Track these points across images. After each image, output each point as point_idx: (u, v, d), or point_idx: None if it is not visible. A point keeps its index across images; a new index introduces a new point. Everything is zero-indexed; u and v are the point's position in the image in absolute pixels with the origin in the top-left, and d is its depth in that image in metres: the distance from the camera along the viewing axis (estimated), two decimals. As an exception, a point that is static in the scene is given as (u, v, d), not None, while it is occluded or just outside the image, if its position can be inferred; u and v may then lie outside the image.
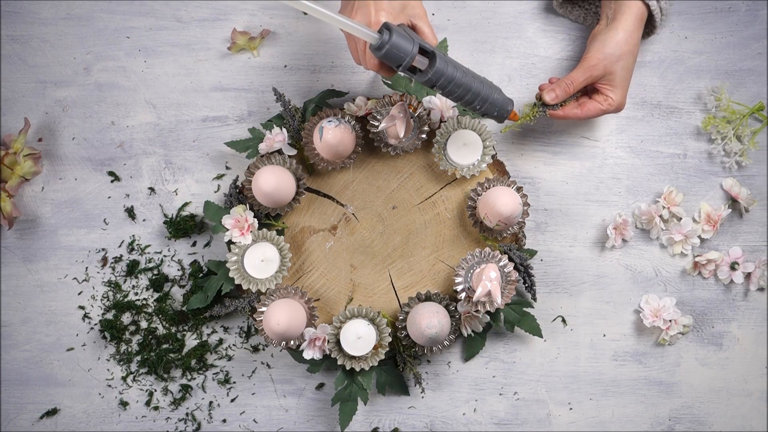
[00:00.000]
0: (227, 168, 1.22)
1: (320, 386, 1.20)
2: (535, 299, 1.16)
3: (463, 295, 1.12)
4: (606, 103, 1.12)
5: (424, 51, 0.98)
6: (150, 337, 1.20)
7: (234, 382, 1.21)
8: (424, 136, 1.16)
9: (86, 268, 1.22)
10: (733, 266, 1.20)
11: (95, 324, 1.21)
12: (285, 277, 1.16)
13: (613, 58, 1.10)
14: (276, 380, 1.21)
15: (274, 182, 1.10)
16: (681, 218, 1.20)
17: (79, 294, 1.21)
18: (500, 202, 1.09)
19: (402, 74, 1.03)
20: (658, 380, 1.21)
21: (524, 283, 1.15)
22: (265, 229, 1.15)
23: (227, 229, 1.14)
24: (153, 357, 1.20)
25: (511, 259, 1.14)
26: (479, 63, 1.22)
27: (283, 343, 1.11)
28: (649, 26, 1.17)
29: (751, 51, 1.23)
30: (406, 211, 1.18)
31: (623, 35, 1.10)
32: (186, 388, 1.20)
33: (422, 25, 1.04)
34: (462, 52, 1.22)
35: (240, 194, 1.16)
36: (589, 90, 1.15)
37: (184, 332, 1.21)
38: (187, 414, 1.20)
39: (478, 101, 1.03)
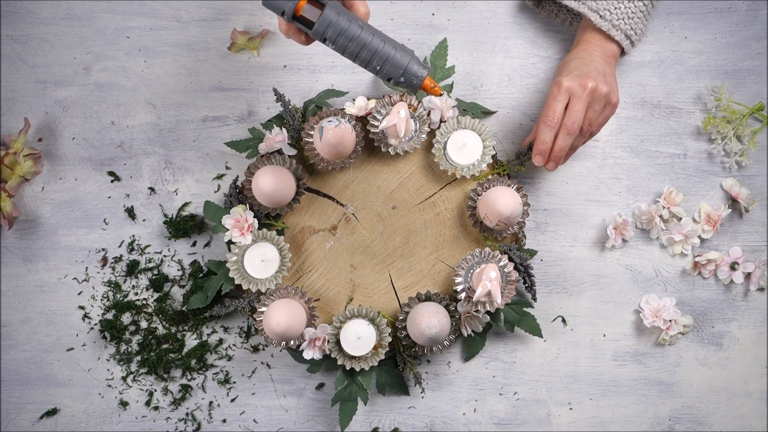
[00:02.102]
0: (227, 168, 1.22)
1: (320, 386, 1.21)
2: (535, 299, 1.16)
3: (463, 295, 1.12)
4: (551, 92, 1.07)
5: (315, 2, 0.90)
6: (150, 337, 1.20)
7: (234, 382, 1.21)
8: (424, 136, 1.16)
9: (86, 268, 1.22)
10: (733, 266, 1.20)
11: (95, 324, 1.21)
12: (285, 277, 1.16)
13: (560, 71, 1.10)
14: (276, 380, 1.21)
15: (274, 182, 1.10)
16: (681, 218, 1.19)
17: (79, 294, 1.21)
18: (500, 202, 1.09)
19: (299, 27, 0.94)
20: (658, 380, 1.21)
21: (524, 283, 1.15)
22: (265, 229, 1.15)
23: (227, 229, 1.14)
24: (153, 357, 1.20)
25: (511, 259, 1.14)
26: (479, 63, 1.22)
27: (283, 343, 1.11)
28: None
29: (751, 51, 1.23)
30: (406, 211, 1.18)
31: (565, 59, 1.12)
32: (186, 388, 1.20)
33: None
34: (462, 52, 1.23)
35: (240, 194, 1.16)
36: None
37: (184, 332, 1.21)
38: (187, 414, 1.20)
39: (377, 60, 0.93)
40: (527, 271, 1.14)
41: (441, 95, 1.02)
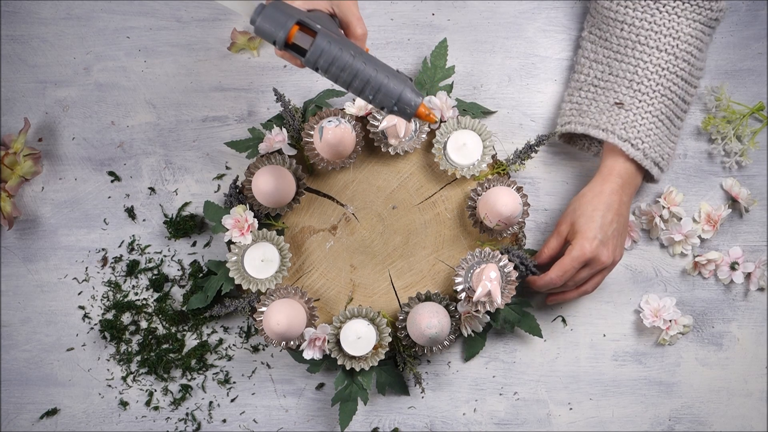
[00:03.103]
0: (227, 168, 1.22)
1: (320, 386, 1.20)
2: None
3: (463, 295, 1.12)
4: (567, 252, 1.09)
5: (307, 29, 0.88)
6: (150, 337, 1.20)
7: (234, 382, 1.21)
8: (424, 136, 1.16)
9: (86, 268, 1.22)
10: (733, 266, 1.20)
11: (95, 324, 1.21)
12: (285, 277, 1.16)
13: (573, 212, 1.11)
14: (276, 380, 1.21)
15: (274, 182, 1.10)
16: (681, 218, 1.19)
17: (79, 294, 1.21)
18: (500, 202, 1.09)
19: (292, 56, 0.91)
20: (658, 380, 1.21)
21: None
22: (265, 229, 1.15)
23: (227, 229, 1.14)
24: (153, 357, 1.20)
25: (510, 260, 1.13)
26: (479, 63, 1.22)
27: (283, 343, 1.11)
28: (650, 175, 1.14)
29: (751, 51, 1.23)
30: (406, 211, 1.18)
31: (585, 190, 1.11)
32: (186, 388, 1.20)
33: (345, 12, 0.95)
34: (462, 52, 1.23)
35: (240, 194, 1.16)
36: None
37: (184, 332, 1.21)
38: (187, 414, 1.20)
39: (369, 90, 0.89)
40: (530, 269, 1.14)
41: (435, 122, 0.98)
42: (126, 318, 1.21)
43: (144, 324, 1.21)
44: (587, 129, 1.12)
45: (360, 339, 1.12)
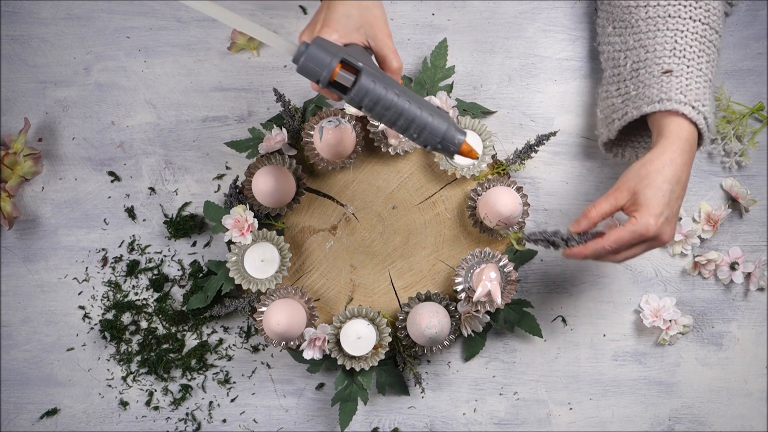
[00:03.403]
0: (227, 168, 1.22)
1: (320, 386, 1.20)
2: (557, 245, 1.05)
3: (463, 295, 1.12)
4: (629, 224, 0.98)
5: (350, 66, 0.87)
6: (150, 337, 1.20)
7: (234, 382, 1.21)
8: (424, 136, 1.16)
9: (86, 268, 1.22)
10: (733, 266, 1.20)
11: (95, 324, 1.21)
12: (285, 277, 1.16)
13: (637, 179, 0.99)
14: (276, 380, 1.21)
15: (274, 182, 1.10)
16: (681, 218, 1.19)
17: (79, 294, 1.21)
18: (500, 202, 1.09)
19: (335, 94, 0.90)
20: (658, 380, 1.21)
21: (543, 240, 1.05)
22: (265, 229, 1.15)
23: (227, 229, 1.14)
24: (153, 357, 1.20)
25: (545, 238, 1.03)
26: (479, 63, 1.22)
27: (283, 343, 1.11)
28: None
29: (751, 51, 1.23)
30: (406, 211, 1.18)
31: (651, 156, 1.00)
32: (186, 388, 1.20)
33: (381, 46, 0.96)
34: (462, 52, 1.23)
35: (240, 194, 1.16)
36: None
37: (184, 332, 1.21)
38: (187, 414, 1.20)
39: (414, 128, 0.89)
40: (571, 241, 1.02)
41: (477, 158, 0.94)
42: (126, 318, 1.21)
43: (144, 324, 1.21)
44: (642, 109, 1.04)
45: (360, 339, 1.12)
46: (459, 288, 1.11)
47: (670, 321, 1.19)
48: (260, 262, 1.13)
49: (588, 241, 1.01)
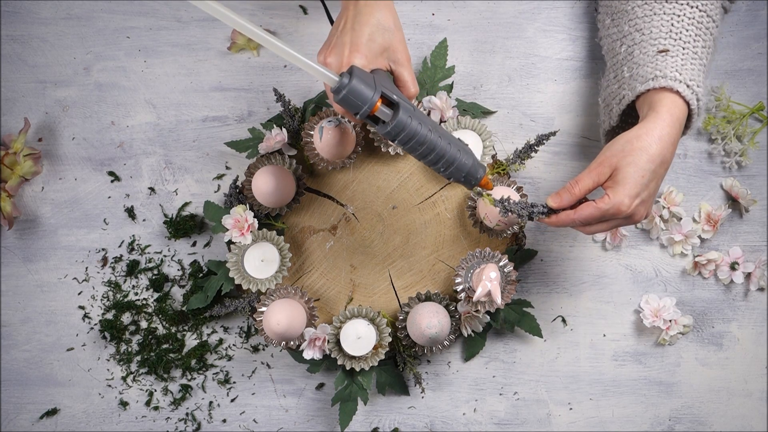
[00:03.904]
0: (227, 168, 1.22)
1: (320, 386, 1.20)
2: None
3: (463, 295, 1.12)
4: (601, 202, 0.96)
5: (388, 101, 0.90)
6: (150, 337, 1.20)
7: (234, 382, 1.21)
8: (424, 136, 1.16)
9: (86, 268, 1.22)
10: (733, 266, 1.20)
11: (95, 324, 1.21)
12: (285, 277, 1.16)
13: (622, 154, 0.96)
14: (276, 380, 1.21)
15: (274, 182, 1.10)
16: (681, 218, 1.19)
17: (79, 294, 1.21)
18: (500, 202, 1.09)
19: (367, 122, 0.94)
20: (658, 380, 1.21)
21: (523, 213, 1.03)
22: (265, 229, 1.15)
23: (227, 229, 1.14)
24: (153, 357, 1.20)
25: (513, 210, 1.02)
26: (479, 63, 1.22)
27: (283, 343, 1.11)
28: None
29: (751, 51, 1.23)
30: (406, 211, 1.18)
31: (639, 132, 0.97)
32: (186, 388, 1.20)
33: (402, 71, 0.98)
34: (462, 52, 1.23)
35: (240, 194, 1.16)
36: None
37: (184, 332, 1.21)
38: (187, 414, 1.20)
39: (443, 163, 0.93)
40: (538, 213, 1.01)
41: (492, 189, 0.99)
42: (126, 318, 1.21)
43: (144, 324, 1.21)
44: (636, 89, 1.02)
45: (360, 339, 1.12)
46: (459, 288, 1.11)
47: (670, 321, 1.19)
48: (260, 262, 1.13)
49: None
